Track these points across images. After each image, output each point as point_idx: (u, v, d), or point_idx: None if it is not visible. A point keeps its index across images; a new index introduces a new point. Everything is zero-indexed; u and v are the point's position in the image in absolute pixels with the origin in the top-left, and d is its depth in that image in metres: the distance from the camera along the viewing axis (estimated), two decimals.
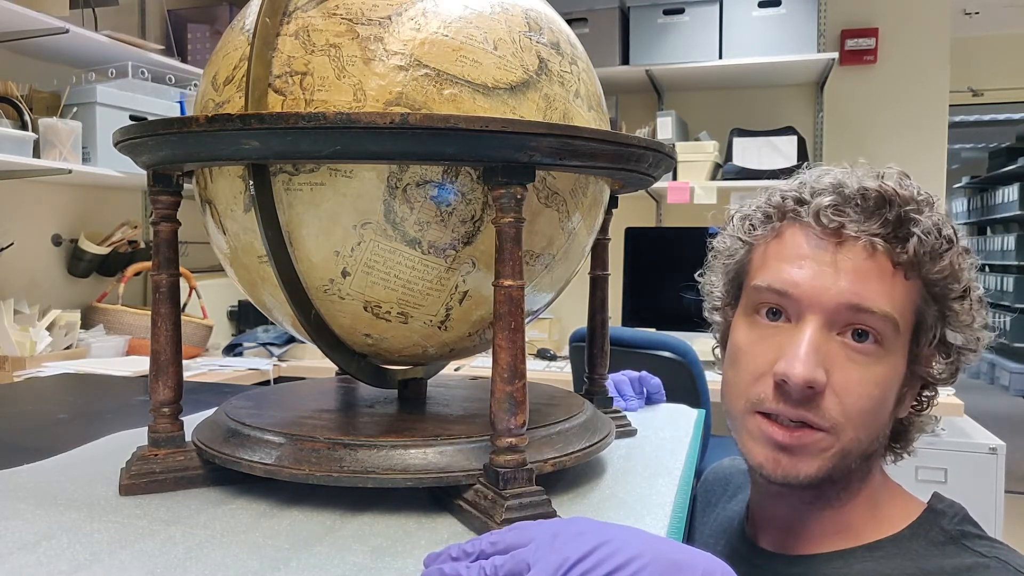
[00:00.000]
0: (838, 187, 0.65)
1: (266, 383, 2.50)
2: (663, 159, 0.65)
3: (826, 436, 0.63)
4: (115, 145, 0.62)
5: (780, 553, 0.71)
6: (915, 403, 0.70)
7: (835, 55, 2.88)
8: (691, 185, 2.92)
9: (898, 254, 0.63)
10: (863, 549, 0.67)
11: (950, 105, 3.22)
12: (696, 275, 0.79)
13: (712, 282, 0.77)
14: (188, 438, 0.65)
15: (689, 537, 0.90)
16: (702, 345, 2.50)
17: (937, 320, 0.66)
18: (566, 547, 0.42)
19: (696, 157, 2.98)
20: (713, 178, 3.00)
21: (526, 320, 0.57)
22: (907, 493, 0.71)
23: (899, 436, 0.72)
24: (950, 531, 0.65)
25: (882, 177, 0.66)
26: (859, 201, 0.63)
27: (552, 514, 0.54)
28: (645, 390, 0.95)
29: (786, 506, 0.71)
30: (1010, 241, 6.69)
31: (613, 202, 0.76)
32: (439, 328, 0.63)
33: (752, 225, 0.71)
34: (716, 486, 0.91)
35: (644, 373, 0.96)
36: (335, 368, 0.73)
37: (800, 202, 0.66)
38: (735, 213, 0.74)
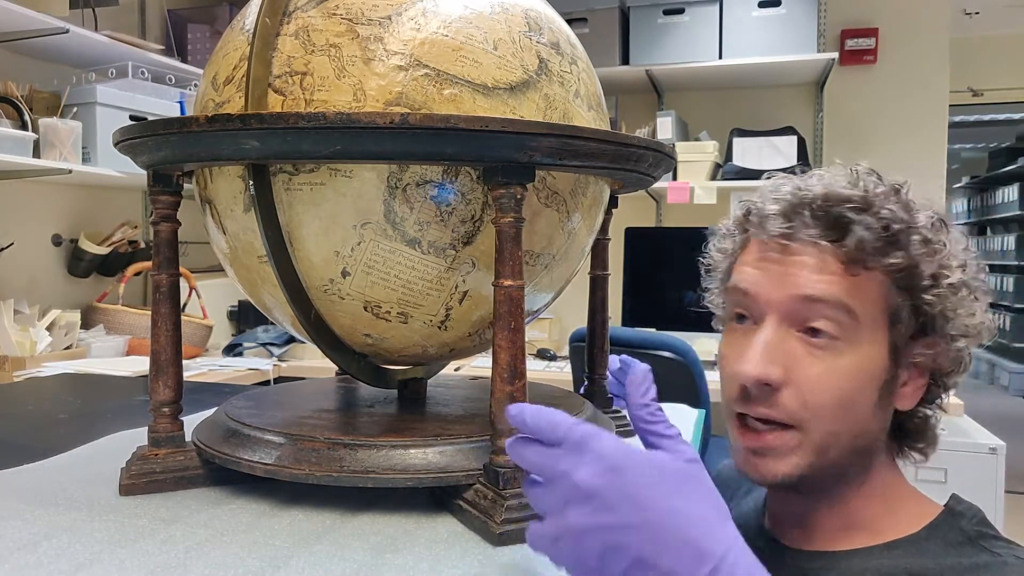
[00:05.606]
0: (784, 197, 0.69)
1: (266, 383, 2.50)
2: (663, 159, 0.65)
3: (794, 434, 0.66)
4: (115, 145, 0.62)
5: (800, 549, 0.72)
6: (926, 396, 0.71)
7: (835, 55, 2.88)
8: (691, 185, 2.92)
9: (842, 251, 0.65)
10: (882, 547, 0.68)
11: (950, 105, 3.22)
12: (700, 291, 0.82)
13: (713, 299, 0.80)
14: (188, 438, 0.65)
15: None
16: (702, 345, 2.50)
17: (912, 311, 0.67)
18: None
19: (696, 157, 2.97)
20: (713, 178, 3.00)
21: (526, 320, 0.57)
22: (924, 496, 0.73)
23: (918, 435, 0.73)
24: (968, 532, 0.67)
25: (841, 178, 0.69)
26: (800, 208, 0.67)
27: None
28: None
29: (794, 503, 0.72)
30: (1010, 241, 6.68)
31: (613, 202, 0.76)
32: (439, 328, 0.63)
33: (725, 238, 0.75)
34: (730, 483, 0.91)
35: (625, 356, 0.96)
36: (335, 368, 0.73)
37: (754, 214, 0.70)
38: (719, 227, 0.78)
